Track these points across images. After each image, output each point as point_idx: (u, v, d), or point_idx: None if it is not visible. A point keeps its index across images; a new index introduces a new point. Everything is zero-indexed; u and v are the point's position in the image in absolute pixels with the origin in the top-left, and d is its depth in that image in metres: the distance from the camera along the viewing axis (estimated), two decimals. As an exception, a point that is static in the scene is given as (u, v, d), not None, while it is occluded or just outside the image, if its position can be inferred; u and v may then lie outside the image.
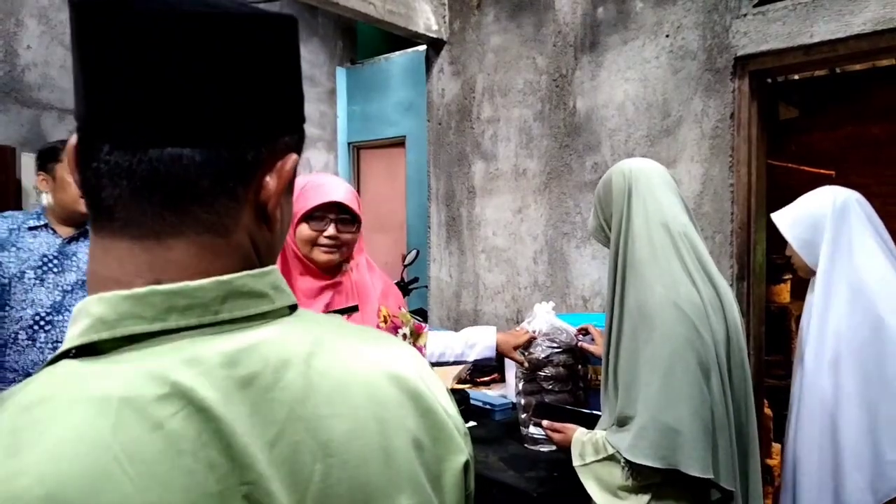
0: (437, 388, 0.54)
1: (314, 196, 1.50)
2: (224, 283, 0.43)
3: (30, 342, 1.99)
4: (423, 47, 4.40)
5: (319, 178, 1.61)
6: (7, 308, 2.00)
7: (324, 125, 5.24)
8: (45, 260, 2.04)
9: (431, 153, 3.40)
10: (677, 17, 2.50)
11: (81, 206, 2.01)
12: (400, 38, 4.59)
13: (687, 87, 2.48)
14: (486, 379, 2.70)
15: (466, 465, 0.53)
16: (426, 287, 3.85)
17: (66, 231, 2.09)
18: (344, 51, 5.37)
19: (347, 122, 5.36)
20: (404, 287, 4.00)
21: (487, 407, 2.44)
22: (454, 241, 3.29)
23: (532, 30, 2.96)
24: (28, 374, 1.96)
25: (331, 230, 1.51)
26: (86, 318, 0.41)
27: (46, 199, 2.12)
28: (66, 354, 0.41)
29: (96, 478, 0.34)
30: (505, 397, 2.53)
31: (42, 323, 2.00)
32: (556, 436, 1.60)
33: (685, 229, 1.40)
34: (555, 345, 2.05)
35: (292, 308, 0.48)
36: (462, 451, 0.53)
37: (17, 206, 3.57)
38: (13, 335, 2.00)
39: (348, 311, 1.62)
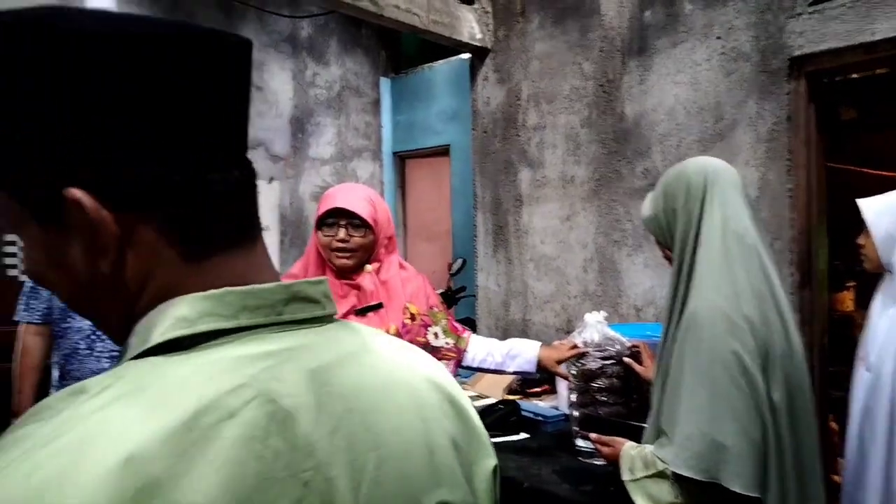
0: (466, 398, 0.58)
1: (323, 204, 1.64)
2: (287, 287, 0.48)
3: (88, 351, 2.07)
4: (466, 56, 4.41)
5: (337, 187, 1.73)
6: (69, 319, 2.08)
7: (368, 135, 5.29)
8: None
9: (477, 162, 3.40)
10: (728, 19, 2.44)
11: None
12: (443, 47, 4.61)
13: (740, 89, 2.42)
14: (537, 390, 2.67)
15: (495, 469, 0.57)
16: (474, 296, 3.84)
17: None
18: (387, 61, 5.42)
19: (392, 132, 5.41)
20: (451, 296, 4.00)
21: (539, 418, 2.41)
22: (501, 249, 3.27)
23: (577, 35, 2.93)
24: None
25: (341, 234, 1.62)
26: (166, 318, 0.44)
27: None
28: (149, 352, 0.43)
29: (179, 455, 0.37)
30: (557, 408, 2.50)
31: (99, 333, 2.08)
32: (604, 449, 1.56)
33: (756, 242, 1.35)
34: (607, 356, 2.01)
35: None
36: (492, 456, 0.57)
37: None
38: (75, 345, 2.08)
39: (373, 308, 1.67)
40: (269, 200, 4.56)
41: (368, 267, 1.69)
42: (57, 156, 0.42)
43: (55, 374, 2.15)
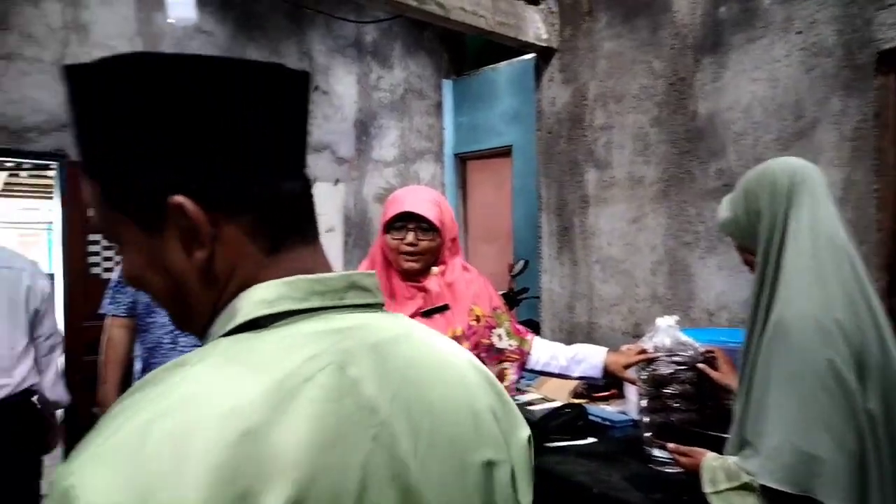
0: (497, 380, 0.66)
1: (392, 208, 1.65)
2: (347, 277, 0.56)
3: (172, 345, 2.16)
4: (530, 56, 4.38)
5: (404, 190, 1.74)
6: (154, 315, 2.18)
7: (431, 137, 5.33)
8: None
9: (541, 162, 3.37)
10: (810, 13, 2.34)
11: None
12: (506, 48, 4.59)
13: (823, 85, 2.31)
14: (603, 394, 2.63)
15: (530, 438, 0.65)
16: (536, 298, 3.81)
17: None
18: (450, 63, 5.45)
19: (454, 134, 5.43)
20: (513, 298, 3.98)
21: (607, 423, 2.37)
22: (566, 251, 3.24)
23: (647, 33, 2.87)
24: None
25: (409, 238, 1.62)
26: (250, 301, 0.52)
27: None
28: (235, 330, 0.52)
29: (272, 408, 0.45)
30: (624, 413, 2.45)
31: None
32: (683, 460, 1.52)
33: (846, 244, 1.29)
34: (680, 361, 1.95)
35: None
36: (526, 427, 0.65)
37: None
38: (159, 339, 2.17)
39: (439, 310, 1.67)
40: (333, 202, 4.65)
41: (434, 269, 1.70)
42: (163, 171, 0.52)
43: (137, 366, 2.25)
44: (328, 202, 4.63)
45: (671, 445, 1.58)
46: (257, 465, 0.43)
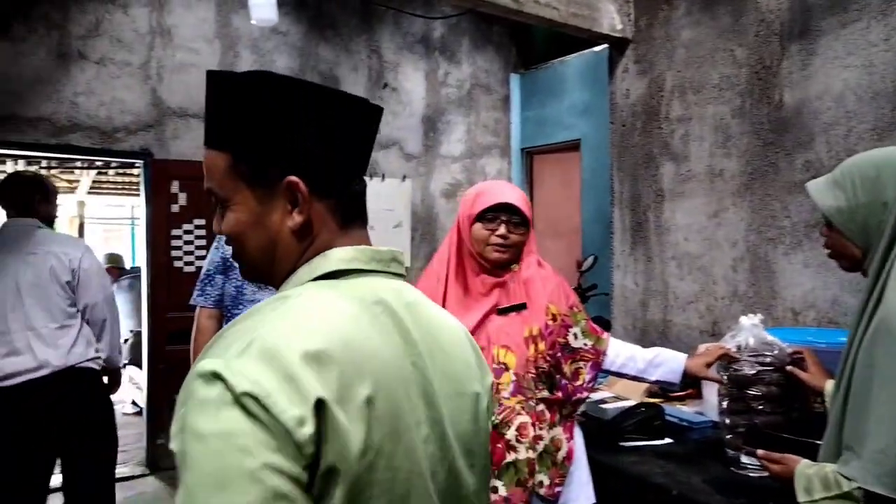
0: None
1: (487, 198, 1.62)
2: (392, 252, 0.77)
3: None
4: (600, 48, 4.29)
5: (493, 183, 1.73)
6: (240, 307, 2.27)
7: (497, 132, 5.31)
8: None
9: (615, 156, 3.30)
10: (912, -8, 2.19)
11: None
12: (575, 41, 4.52)
13: (925, 70, 2.16)
14: (680, 394, 2.55)
15: (492, 384, 0.88)
16: (606, 294, 3.74)
17: None
18: (518, 58, 5.41)
19: (521, 128, 5.39)
20: (581, 294, 3.92)
21: (684, 424, 2.30)
22: (640, 246, 3.16)
23: (730, 20, 2.76)
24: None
25: (501, 230, 1.61)
26: (331, 259, 0.72)
27: None
28: (320, 277, 0.72)
29: (362, 326, 0.66)
30: (702, 414, 2.37)
31: None
32: (774, 467, 1.45)
33: None
34: (765, 362, 1.87)
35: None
36: (490, 374, 0.88)
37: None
38: None
39: (516, 308, 1.65)
40: (401, 198, 4.70)
41: (514, 266, 1.68)
42: (286, 158, 0.72)
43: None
44: (396, 197, 4.68)
45: (761, 452, 1.51)
46: (354, 365, 0.62)
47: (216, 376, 0.56)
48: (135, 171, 4.69)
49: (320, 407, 0.57)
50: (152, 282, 3.79)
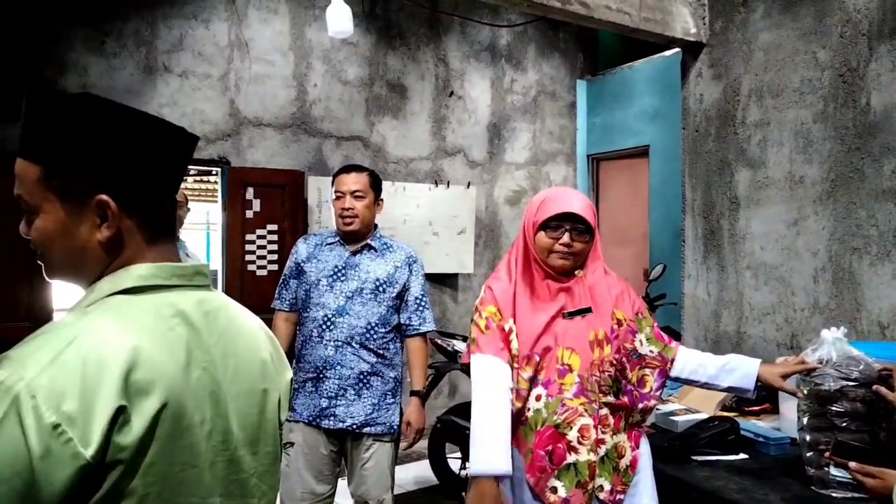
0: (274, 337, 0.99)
1: (551, 207, 1.63)
2: (195, 266, 0.85)
3: (319, 339, 2.28)
4: (671, 52, 4.21)
5: (557, 191, 1.71)
6: (308, 310, 2.32)
7: (563, 139, 5.27)
8: (336, 270, 2.33)
9: (686, 162, 3.22)
10: None
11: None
12: (644, 46, 4.44)
13: None
14: (755, 408, 2.46)
15: (291, 380, 0.99)
16: (674, 304, 3.65)
17: (353, 246, 2.36)
18: (584, 64, 5.36)
19: (587, 135, 5.34)
20: (649, 303, 3.84)
21: (760, 439, 2.21)
22: (713, 255, 3.07)
23: (812, 21, 2.65)
24: (317, 368, 2.27)
25: (565, 238, 1.61)
26: (132, 275, 0.78)
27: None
28: (121, 292, 0.77)
29: (152, 337, 0.73)
30: (779, 430, 2.28)
31: (328, 324, 2.27)
32: (869, 481, 1.38)
33: None
34: (849, 377, 1.78)
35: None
36: (289, 370, 0.98)
37: (305, 219, 4.15)
38: (309, 333, 2.31)
39: (581, 312, 1.64)
40: (465, 204, 4.73)
41: (578, 271, 1.69)
42: (98, 176, 0.77)
43: (295, 354, 2.41)
44: (460, 204, 4.71)
45: (854, 465, 1.44)
46: (142, 380, 0.69)
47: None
48: (211, 179, 4.90)
49: (118, 413, 0.67)
50: (227, 284, 3.95)
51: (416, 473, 3.70)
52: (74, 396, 0.64)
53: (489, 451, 1.49)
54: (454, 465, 3.56)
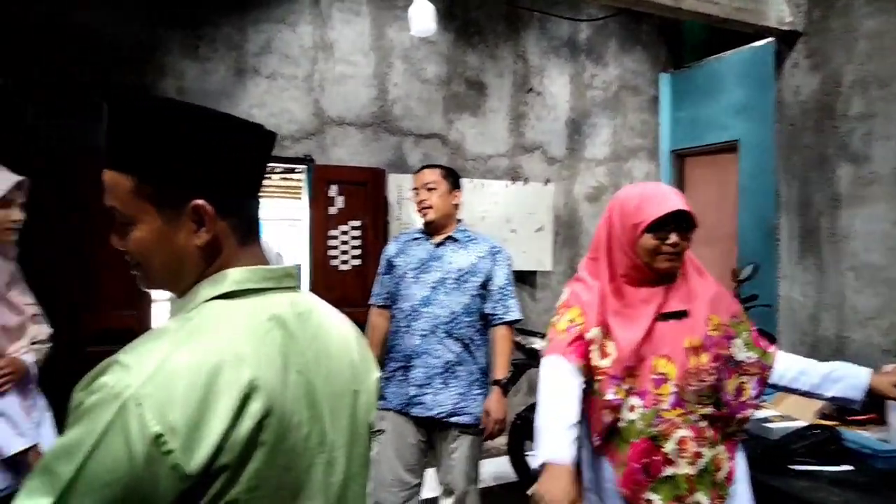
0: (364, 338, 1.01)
1: (656, 206, 1.53)
2: (285, 269, 0.86)
3: (406, 329, 2.35)
4: (762, 42, 4.02)
5: (652, 188, 1.61)
6: (397, 301, 2.39)
7: (645, 134, 5.13)
8: (421, 262, 2.38)
9: (781, 157, 3.07)
10: None
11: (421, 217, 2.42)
12: (731, 37, 4.26)
13: None
14: (859, 418, 2.32)
15: (378, 379, 0.99)
16: (768, 306, 3.49)
17: (436, 238, 2.41)
18: (668, 57, 5.20)
19: (670, 130, 5.17)
20: (738, 304, 3.68)
21: (866, 451, 2.09)
22: (810, 256, 2.91)
23: (925, 5, 2.47)
24: (406, 357, 2.32)
25: (673, 238, 1.53)
26: (227, 280, 0.79)
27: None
28: (218, 297, 0.78)
29: (253, 350, 0.73)
30: (887, 441, 2.14)
31: (414, 313, 2.33)
32: None
33: None
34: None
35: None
36: (375, 371, 0.98)
37: (385, 216, 4.23)
38: (398, 323, 2.38)
39: (677, 315, 1.56)
40: (544, 202, 4.68)
41: (677, 271, 1.61)
42: (193, 182, 0.78)
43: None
44: (538, 202, 4.67)
45: None
46: (249, 383, 0.70)
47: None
48: (295, 176, 5.06)
49: (223, 421, 0.69)
50: (312, 278, 4.08)
51: (495, 469, 3.71)
52: (179, 406, 0.65)
53: (552, 440, 1.42)
54: (533, 462, 3.55)
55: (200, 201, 0.77)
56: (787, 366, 1.69)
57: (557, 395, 1.50)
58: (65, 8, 3.56)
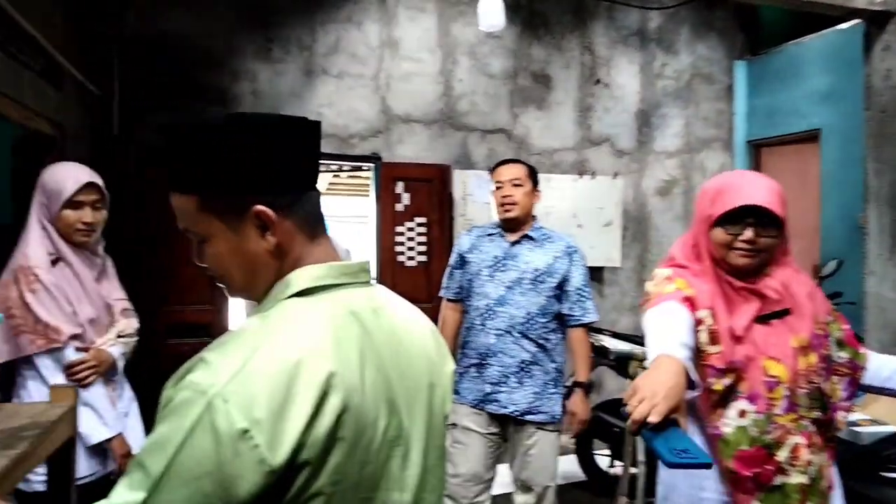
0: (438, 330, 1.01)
1: (729, 198, 1.41)
2: (360, 264, 0.88)
3: (481, 327, 2.35)
4: (847, 25, 3.80)
5: (737, 177, 1.50)
6: (472, 298, 2.39)
7: (719, 124, 4.94)
8: (496, 260, 2.37)
9: (870, 146, 2.90)
10: None
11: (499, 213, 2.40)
12: (813, 21, 4.04)
13: None
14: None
15: (453, 372, 0.99)
16: (853, 304, 3.30)
17: (513, 236, 2.39)
18: (744, 43, 4.98)
19: (746, 119, 4.96)
20: (821, 301, 3.50)
21: (969, 459, 1.95)
22: (903, 250, 2.74)
23: None
24: (481, 354, 2.32)
25: (748, 234, 1.40)
26: (304, 276, 0.81)
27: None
28: (295, 294, 0.80)
29: (332, 347, 0.75)
30: None
31: (489, 312, 2.33)
32: None
33: None
34: None
35: None
36: (450, 363, 0.98)
37: (450, 212, 4.24)
38: (473, 320, 2.38)
39: (779, 314, 1.45)
40: (611, 196, 4.58)
41: (768, 269, 1.47)
42: (250, 189, 0.79)
43: (459, 341, 2.49)
44: (606, 196, 4.58)
45: None
46: (329, 380, 0.71)
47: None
48: (362, 174, 5.16)
49: (305, 416, 0.70)
50: (380, 274, 4.14)
51: (563, 468, 3.66)
52: (264, 403, 0.67)
53: (665, 344, 1.25)
54: (601, 461, 3.49)
55: (259, 207, 0.79)
56: (881, 364, 1.58)
57: (670, 323, 1.33)
58: (153, 19, 3.74)
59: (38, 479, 1.69)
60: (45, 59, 2.91)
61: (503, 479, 2.54)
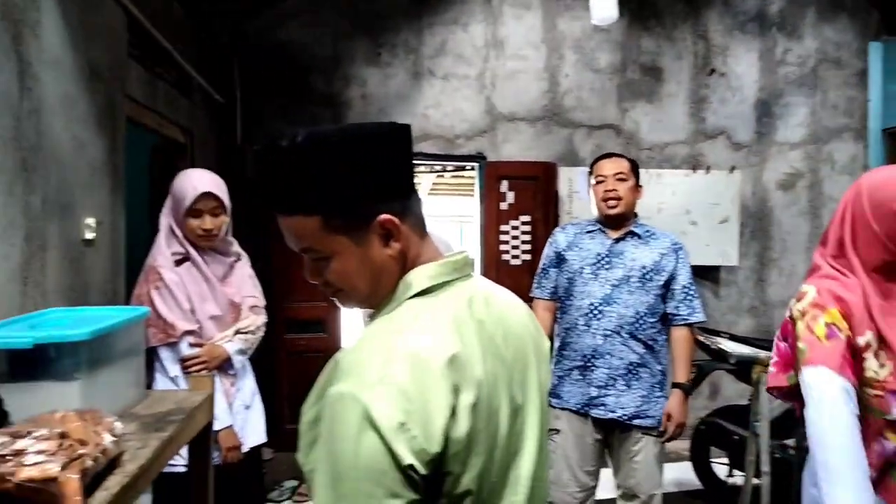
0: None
1: None
2: (463, 258, 0.89)
3: (586, 328, 2.26)
4: None
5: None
6: (572, 298, 2.32)
7: (851, 112, 4.54)
8: (599, 258, 2.30)
9: None
10: None
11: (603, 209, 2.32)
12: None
13: None
14: None
15: (550, 347, 1.13)
16: None
17: (615, 233, 2.31)
18: (880, 23, 4.56)
19: (881, 106, 4.53)
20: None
21: None
22: None
23: None
24: (585, 356, 2.25)
25: None
26: (421, 276, 0.84)
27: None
28: (413, 295, 0.83)
29: (460, 344, 0.77)
30: None
31: (595, 312, 2.25)
32: None
33: None
34: None
35: None
36: (546, 339, 0.99)
37: (556, 210, 4.18)
38: (575, 321, 2.30)
39: None
40: (728, 191, 4.34)
41: None
42: (372, 200, 0.81)
43: (556, 343, 2.44)
44: (722, 191, 4.34)
45: None
46: (460, 375, 0.74)
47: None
48: (466, 173, 5.18)
49: (449, 410, 0.73)
50: (484, 273, 4.15)
51: (677, 475, 3.52)
52: (411, 399, 0.69)
53: (856, 494, 1.18)
54: (719, 470, 3.31)
55: (385, 216, 0.80)
56: None
57: (844, 428, 1.25)
58: (269, 30, 3.97)
59: (180, 462, 1.82)
60: (177, 71, 3.15)
61: (604, 484, 2.46)
